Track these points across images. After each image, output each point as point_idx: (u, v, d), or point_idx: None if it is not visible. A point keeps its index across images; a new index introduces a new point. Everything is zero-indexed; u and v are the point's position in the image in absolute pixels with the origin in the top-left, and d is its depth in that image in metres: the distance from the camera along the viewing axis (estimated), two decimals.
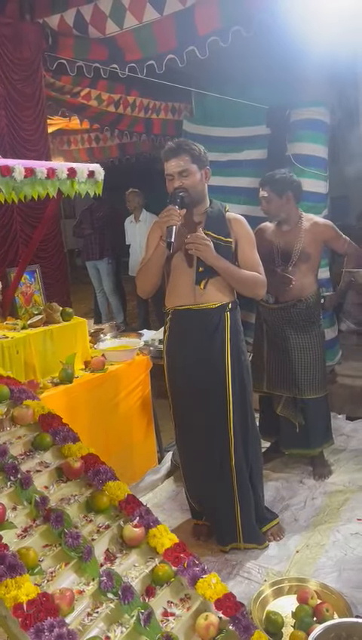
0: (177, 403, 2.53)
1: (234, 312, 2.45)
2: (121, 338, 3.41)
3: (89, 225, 6.55)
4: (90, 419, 2.76)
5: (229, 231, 2.42)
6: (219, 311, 2.39)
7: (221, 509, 2.51)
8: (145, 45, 3.77)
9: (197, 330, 2.40)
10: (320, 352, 3.12)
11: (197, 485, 2.59)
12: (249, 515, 2.52)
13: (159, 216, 2.31)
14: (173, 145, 2.34)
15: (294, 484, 3.08)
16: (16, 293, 2.92)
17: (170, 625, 1.59)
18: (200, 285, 2.37)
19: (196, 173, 2.33)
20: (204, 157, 2.37)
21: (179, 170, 2.30)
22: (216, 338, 2.39)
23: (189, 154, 2.31)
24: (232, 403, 2.40)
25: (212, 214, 2.43)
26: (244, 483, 2.48)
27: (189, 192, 2.31)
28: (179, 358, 2.47)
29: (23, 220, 3.71)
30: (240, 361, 2.46)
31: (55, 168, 2.13)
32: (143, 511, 1.81)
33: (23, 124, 3.73)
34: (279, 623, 2.02)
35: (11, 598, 1.42)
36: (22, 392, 2.07)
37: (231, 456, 2.43)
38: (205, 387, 2.42)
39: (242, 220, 2.49)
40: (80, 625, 1.50)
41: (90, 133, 7.22)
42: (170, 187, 2.35)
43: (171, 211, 2.24)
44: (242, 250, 2.45)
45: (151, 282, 2.45)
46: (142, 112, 5.58)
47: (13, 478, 1.76)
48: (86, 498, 1.83)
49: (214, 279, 2.38)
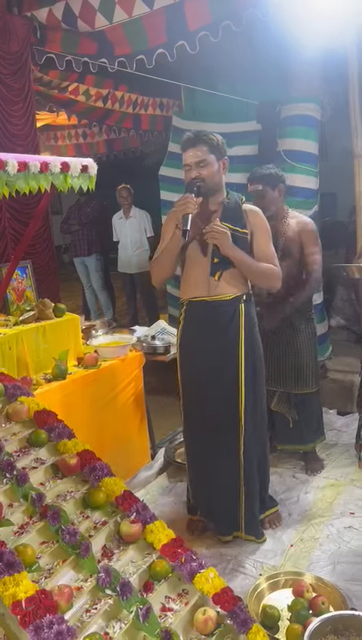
0: (188, 393, 2.53)
1: (249, 303, 2.45)
2: (113, 334, 3.39)
3: (77, 221, 6.50)
4: (83, 415, 2.75)
5: (245, 222, 2.43)
6: (234, 303, 2.39)
7: (225, 499, 2.52)
8: (135, 40, 3.75)
9: (211, 322, 2.41)
10: (313, 346, 3.14)
11: (202, 475, 2.59)
12: (253, 505, 2.53)
13: (175, 204, 2.30)
14: (191, 135, 2.34)
15: (287, 478, 3.10)
16: (8, 289, 2.89)
17: (169, 620, 1.59)
18: (215, 277, 2.37)
19: (214, 163, 2.33)
20: (223, 147, 2.36)
21: (197, 160, 2.30)
22: (230, 330, 2.39)
23: (207, 144, 2.30)
24: (244, 394, 2.41)
25: (229, 205, 2.42)
26: (251, 473, 2.49)
27: (206, 182, 2.31)
28: (192, 349, 2.48)
29: (11, 215, 3.67)
30: (254, 352, 2.47)
31: (48, 162, 2.10)
32: (140, 507, 1.81)
33: (12, 119, 3.69)
34: (275, 617, 2.03)
35: (9, 595, 1.41)
36: (16, 388, 2.05)
37: (240, 446, 2.44)
38: (218, 378, 2.42)
39: (259, 211, 2.49)
40: (79, 621, 1.49)
41: (77, 128, 7.16)
42: (187, 177, 2.35)
43: (187, 199, 2.23)
44: (258, 242, 2.45)
45: (166, 271, 2.45)
46: (130, 107, 5.55)
47: (9, 475, 1.74)
48: (82, 494, 1.82)
49: (229, 271, 2.37)
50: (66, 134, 7.34)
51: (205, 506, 2.63)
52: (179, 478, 3.17)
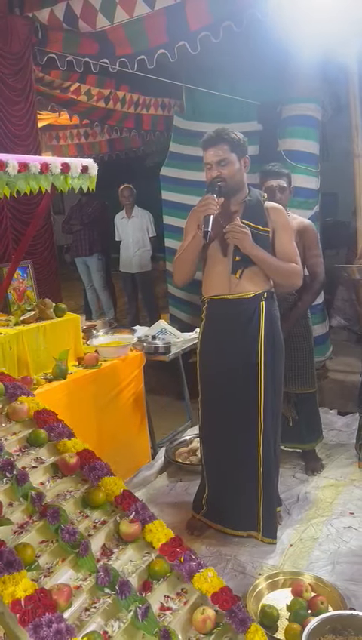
0: (208, 391, 2.54)
1: (270, 301, 2.45)
2: (114, 334, 3.40)
3: (78, 221, 6.51)
4: (83, 415, 2.75)
5: (267, 220, 2.42)
6: (255, 300, 2.39)
7: (244, 498, 2.52)
8: (136, 40, 3.75)
9: (232, 320, 2.41)
10: (310, 345, 3.14)
11: (219, 473, 2.58)
12: (271, 505, 2.53)
13: (197, 204, 2.29)
14: (212, 134, 2.32)
15: (287, 478, 3.10)
16: (9, 289, 2.90)
17: (167, 619, 1.60)
18: (236, 274, 2.37)
19: (235, 162, 2.32)
20: (244, 146, 2.35)
21: (218, 159, 2.29)
22: (250, 327, 2.40)
23: (228, 143, 2.29)
24: (264, 392, 2.41)
25: (250, 203, 2.42)
26: (269, 471, 2.49)
27: (227, 182, 2.30)
28: (213, 346, 2.48)
29: (12, 215, 3.68)
30: (275, 350, 2.47)
31: (49, 163, 2.11)
32: (139, 506, 1.81)
33: (13, 119, 3.70)
34: (274, 616, 2.04)
35: (9, 594, 1.42)
36: (16, 388, 2.06)
37: (259, 443, 2.44)
38: (238, 376, 2.43)
39: (281, 209, 2.49)
40: (78, 620, 1.50)
41: (79, 128, 7.17)
42: (208, 176, 2.34)
43: (209, 200, 2.23)
44: (280, 240, 2.44)
45: (187, 271, 2.45)
46: (132, 107, 5.56)
47: (9, 475, 1.75)
48: (82, 494, 1.83)
49: (250, 269, 2.37)
50: (68, 134, 7.36)
51: (220, 503, 2.62)
52: (179, 478, 3.18)
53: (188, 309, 5.37)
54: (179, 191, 5.17)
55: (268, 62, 3.88)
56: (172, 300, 5.51)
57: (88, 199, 6.48)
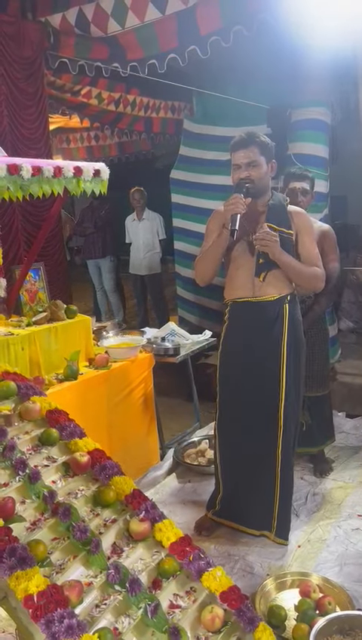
0: (227, 391, 2.55)
1: (293, 304, 2.47)
2: (123, 336, 3.42)
3: (91, 223, 6.53)
4: (93, 415, 2.78)
5: (291, 223, 2.44)
6: (278, 303, 2.41)
7: (260, 500, 2.53)
8: (147, 44, 3.79)
9: (255, 323, 2.43)
10: (326, 348, 3.15)
11: (234, 473, 2.60)
12: (287, 507, 2.55)
13: (224, 203, 2.31)
14: (243, 136, 2.35)
15: (295, 480, 3.07)
16: (21, 290, 2.94)
17: (177, 617, 1.62)
18: (260, 277, 2.39)
19: (263, 165, 2.34)
20: (272, 149, 2.39)
21: (248, 161, 2.31)
22: (273, 330, 2.41)
23: (259, 146, 2.32)
24: (285, 395, 2.43)
25: (274, 206, 2.44)
26: (288, 473, 2.51)
27: (255, 183, 2.32)
28: (236, 349, 2.49)
29: (24, 218, 3.73)
30: (298, 354, 2.49)
31: (62, 167, 2.15)
32: (149, 505, 1.83)
33: (25, 123, 3.74)
34: (282, 616, 2.05)
35: (22, 589, 1.44)
36: (29, 388, 2.09)
37: (278, 445, 2.45)
38: (260, 378, 2.44)
39: (304, 213, 2.52)
40: (88, 616, 1.52)
41: (89, 131, 7.23)
42: (235, 177, 2.36)
43: (237, 199, 2.25)
44: (303, 244, 2.47)
45: (211, 271, 2.46)
46: (142, 110, 5.60)
47: (22, 473, 1.78)
48: (93, 492, 1.86)
49: (273, 271, 2.39)
50: (78, 137, 7.41)
51: (236, 502, 2.63)
52: (187, 479, 3.20)
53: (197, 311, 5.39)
54: (188, 194, 5.21)
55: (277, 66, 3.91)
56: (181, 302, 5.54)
57: (101, 202, 6.50)
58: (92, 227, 6.50)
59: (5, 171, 1.94)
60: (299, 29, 3.25)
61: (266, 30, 3.34)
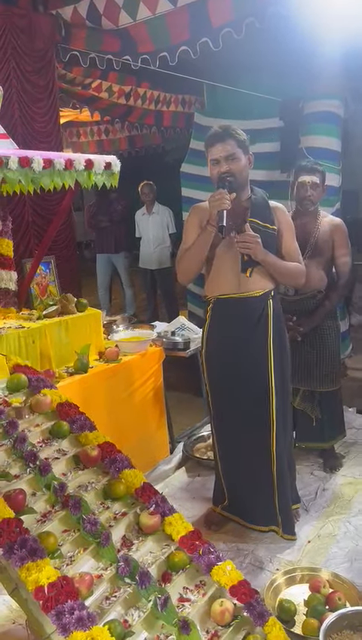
0: (218, 391, 2.54)
1: (276, 299, 2.46)
2: (133, 330, 3.42)
3: (107, 217, 6.49)
4: (103, 408, 2.78)
5: (274, 219, 2.43)
6: (263, 299, 2.40)
7: (260, 495, 2.53)
8: (158, 37, 3.77)
9: (240, 319, 2.41)
10: (337, 343, 3.13)
11: (234, 472, 2.60)
12: (287, 502, 2.53)
13: (209, 200, 2.29)
14: (219, 130, 2.33)
15: (305, 475, 3.10)
16: (32, 284, 2.94)
17: (186, 610, 1.62)
18: (246, 273, 2.37)
19: (242, 158, 2.33)
20: (248, 143, 2.37)
21: (226, 154, 2.29)
22: (259, 326, 2.40)
23: (235, 139, 2.30)
24: (275, 391, 2.42)
25: (256, 202, 2.42)
26: (283, 469, 2.50)
27: (236, 177, 2.30)
28: (221, 346, 2.47)
29: (34, 211, 3.73)
30: (282, 349, 2.48)
31: (73, 159, 2.14)
32: (159, 499, 1.84)
33: (36, 116, 3.74)
34: (292, 611, 2.05)
35: (33, 581, 1.45)
36: (39, 381, 2.10)
37: (272, 443, 2.44)
38: (247, 376, 2.43)
39: (284, 208, 2.51)
40: (99, 608, 1.53)
41: (99, 125, 7.21)
42: (214, 172, 2.34)
43: (222, 195, 2.22)
44: (285, 240, 2.47)
45: (195, 269, 2.44)
46: (152, 104, 5.58)
47: (33, 465, 1.79)
48: (103, 485, 1.86)
49: (259, 267, 2.38)
50: (88, 131, 7.40)
51: (239, 499, 2.63)
52: (197, 473, 3.20)
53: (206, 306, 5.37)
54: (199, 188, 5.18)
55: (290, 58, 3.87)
56: (190, 296, 5.53)
57: (117, 196, 6.47)
58: (106, 221, 6.46)
59: (17, 164, 1.94)
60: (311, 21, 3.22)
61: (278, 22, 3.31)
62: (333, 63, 3.79)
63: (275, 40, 3.65)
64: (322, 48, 3.46)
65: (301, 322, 2.99)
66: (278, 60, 3.96)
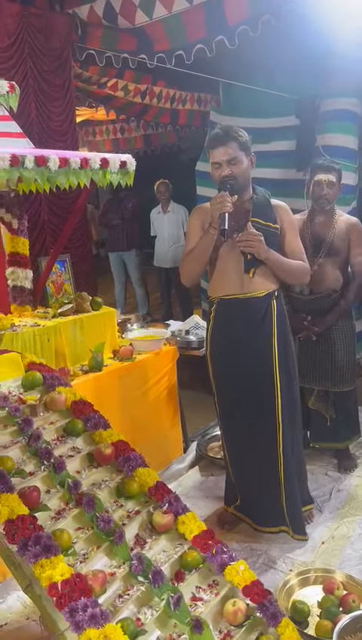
0: (223, 392, 2.53)
1: (280, 299, 2.45)
2: (148, 328, 3.43)
3: (118, 215, 6.51)
4: (117, 407, 2.79)
5: (276, 217, 2.42)
6: (267, 299, 2.39)
7: (267, 496, 2.52)
8: (174, 35, 3.77)
9: (244, 319, 2.40)
10: (353, 343, 3.10)
11: (242, 470, 2.59)
12: (295, 502, 2.52)
13: (210, 203, 2.29)
14: (220, 132, 2.31)
15: (319, 476, 3.08)
16: (47, 282, 2.96)
17: (199, 609, 1.62)
18: (249, 273, 2.37)
19: (244, 160, 2.31)
20: (250, 144, 2.35)
21: (228, 158, 2.28)
22: (263, 327, 2.39)
23: (237, 141, 2.28)
24: (280, 391, 2.40)
25: (258, 201, 2.41)
26: (291, 470, 2.48)
27: (238, 180, 2.29)
28: (224, 347, 2.47)
29: (50, 210, 3.75)
30: (287, 349, 2.46)
31: (88, 158, 2.15)
32: (172, 498, 1.83)
33: (52, 115, 3.76)
34: (305, 612, 2.04)
35: (46, 577, 1.45)
36: (54, 378, 2.11)
37: (278, 443, 2.43)
38: (252, 376, 2.42)
39: (287, 207, 2.49)
40: (112, 606, 1.53)
41: (115, 124, 7.24)
42: (216, 175, 2.33)
43: (224, 197, 2.21)
44: (289, 239, 2.45)
45: (198, 271, 2.44)
46: (168, 102, 5.59)
47: (47, 463, 1.80)
48: (116, 484, 1.86)
49: (262, 267, 2.37)
50: (104, 130, 7.43)
51: (248, 500, 2.63)
52: (210, 472, 3.20)
53: None
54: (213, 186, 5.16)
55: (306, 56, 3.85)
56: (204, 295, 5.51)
57: (127, 194, 6.49)
58: (117, 219, 6.48)
59: (33, 163, 1.95)
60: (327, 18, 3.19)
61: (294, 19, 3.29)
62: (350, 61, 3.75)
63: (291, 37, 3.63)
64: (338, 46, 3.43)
65: (316, 322, 2.97)
66: (294, 58, 3.93)
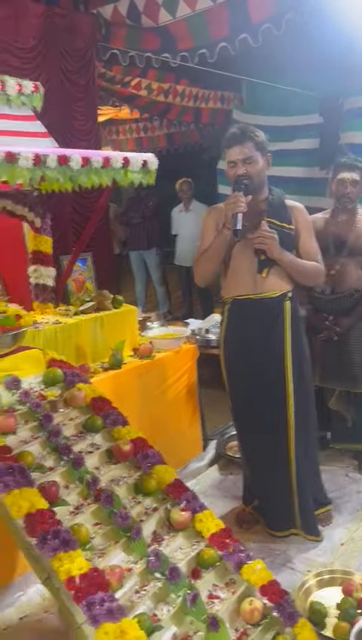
0: (235, 393, 2.53)
1: (294, 300, 2.44)
2: (168, 326, 3.44)
3: (139, 214, 6.54)
4: (137, 404, 2.80)
5: (290, 218, 2.42)
6: (280, 300, 2.38)
7: (279, 497, 2.51)
8: (198, 34, 3.78)
9: (257, 320, 2.39)
10: None
11: (255, 470, 2.60)
12: (307, 504, 2.51)
13: (224, 203, 2.29)
14: (236, 131, 2.31)
15: (339, 477, 3.06)
16: (69, 280, 2.99)
17: (215, 607, 1.62)
18: (262, 274, 2.36)
19: (259, 160, 2.31)
20: (266, 143, 2.34)
21: (243, 157, 2.28)
22: (276, 327, 2.38)
23: (253, 141, 2.28)
24: (293, 391, 2.40)
25: (273, 202, 2.41)
26: (302, 472, 2.47)
27: (253, 180, 2.29)
28: (237, 347, 2.47)
29: (74, 209, 3.79)
30: (300, 350, 2.45)
31: (110, 158, 2.17)
32: (190, 496, 1.84)
33: (75, 114, 3.80)
34: (322, 613, 2.02)
35: (65, 571, 1.47)
36: (75, 375, 2.14)
37: (290, 445, 2.42)
38: (264, 377, 2.41)
39: (302, 207, 2.48)
40: (128, 601, 1.54)
41: (138, 122, 7.27)
42: (231, 174, 2.32)
43: (237, 198, 2.22)
44: (303, 240, 2.44)
45: (212, 271, 2.44)
46: (191, 101, 5.59)
47: (66, 458, 1.82)
48: (135, 480, 1.88)
49: (275, 268, 2.36)
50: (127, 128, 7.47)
51: (261, 502, 2.63)
52: (229, 471, 3.19)
53: None
54: None
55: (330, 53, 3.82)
56: None
57: (148, 192, 6.51)
58: (138, 217, 6.50)
59: (55, 162, 1.98)
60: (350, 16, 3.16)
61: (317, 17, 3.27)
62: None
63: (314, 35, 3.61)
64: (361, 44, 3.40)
65: (337, 322, 2.94)
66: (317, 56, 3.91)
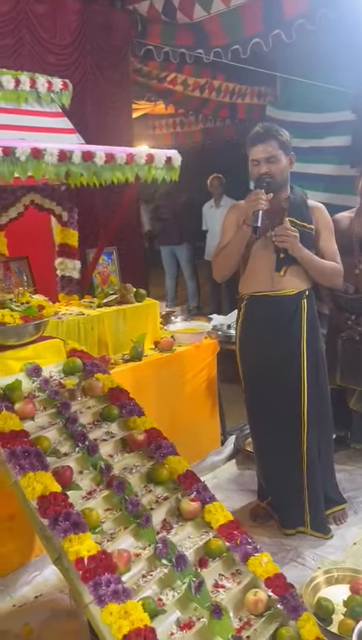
0: (250, 389, 2.56)
1: (311, 299, 2.45)
2: (190, 321, 3.48)
3: (169, 209, 6.58)
4: (156, 396, 2.86)
5: (311, 218, 2.43)
6: (297, 298, 2.40)
7: (289, 494, 2.53)
8: (231, 30, 3.79)
9: (273, 317, 2.42)
10: None
11: (267, 467, 2.63)
12: (317, 502, 2.52)
13: (245, 200, 2.32)
14: (260, 130, 2.33)
15: (357, 477, 3.05)
16: (94, 273, 3.06)
17: (220, 596, 1.66)
18: (280, 272, 2.38)
19: (282, 159, 2.33)
20: (290, 143, 2.36)
21: (266, 156, 2.30)
22: (292, 325, 2.40)
23: (277, 140, 2.30)
24: (307, 390, 2.41)
25: (294, 201, 2.42)
26: (314, 470, 2.48)
27: (275, 178, 2.31)
28: (253, 344, 2.49)
29: (102, 203, 3.85)
30: (316, 349, 2.46)
31: (134, 154, 2.21)
32: (201, 487, 1.88)
33: (109, 110, 3.86)
34: (329, 610, 2.04)
35: (74, 551, 1.53)
36: (94, 365, 2.20)
37: (302, 442, 2.44)
38: (280, 375, 2.44)
39: (323, 208, 2.49)
40: (135, 584, 1.59)
41: (174, 117, 7.30)
42: (254, 172, 2.35)
43: (259, 195, 2.24)
44: (323, 240, 2.45)
45: (230, 267, 2.47)
46: (227, 96, 5.58)
47: (82, 445, 1.88)
48: (147, 469, 1.92)
49: (293, 266, 2.38)
50: (164, 123, 7.51)
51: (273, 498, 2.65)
52: (247, 466, 3.22)
53: None
54: None
55: None
56: None
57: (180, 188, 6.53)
58: (169, 212, 6.54)
59: (80, 158, 2.03)
60: None
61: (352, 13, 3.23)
62: None
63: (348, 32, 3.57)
64: None
65: (359, 321, 2.93)
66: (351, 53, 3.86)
